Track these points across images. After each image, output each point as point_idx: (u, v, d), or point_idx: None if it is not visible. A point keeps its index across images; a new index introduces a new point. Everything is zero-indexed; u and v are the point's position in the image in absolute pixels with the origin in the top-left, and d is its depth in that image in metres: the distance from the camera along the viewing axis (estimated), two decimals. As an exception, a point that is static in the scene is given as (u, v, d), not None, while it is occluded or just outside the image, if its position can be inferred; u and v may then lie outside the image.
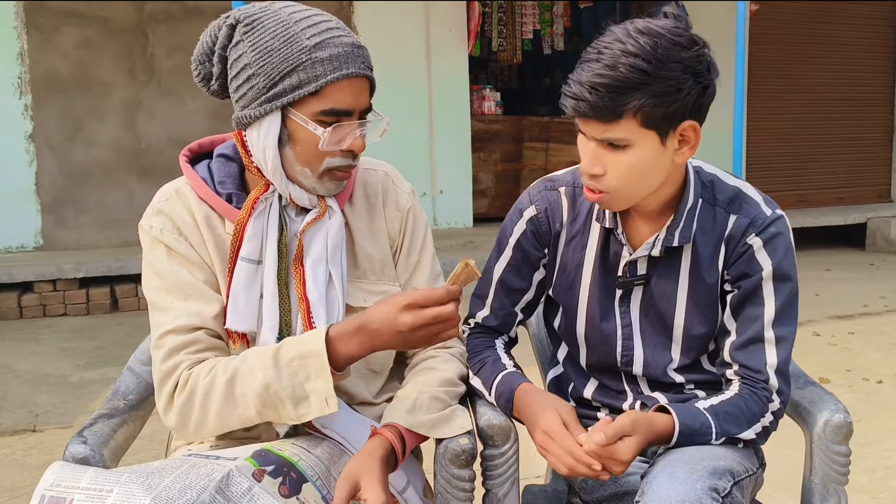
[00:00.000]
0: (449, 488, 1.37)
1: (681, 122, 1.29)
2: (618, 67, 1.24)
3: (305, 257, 1.37)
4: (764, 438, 1.42)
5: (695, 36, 1.29)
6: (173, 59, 6.80)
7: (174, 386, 1.29)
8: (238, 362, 1.28)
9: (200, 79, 1.40)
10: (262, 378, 1.24)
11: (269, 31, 1.28)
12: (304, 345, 1.25)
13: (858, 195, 9.64)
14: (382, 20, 7.23)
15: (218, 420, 1.28)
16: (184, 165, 1.42)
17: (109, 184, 6.73)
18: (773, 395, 1.40)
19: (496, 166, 7.87)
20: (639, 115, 1.26)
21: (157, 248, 1.37)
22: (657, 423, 1.33)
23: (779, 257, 1.39)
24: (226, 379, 1.26)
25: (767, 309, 1.40)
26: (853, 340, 4.73)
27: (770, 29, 8.69)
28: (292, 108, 1.29)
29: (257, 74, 1.28)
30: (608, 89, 1.24)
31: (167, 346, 1.31)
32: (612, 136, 1.29)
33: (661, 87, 1.25)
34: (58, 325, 5.44)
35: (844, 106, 9.46)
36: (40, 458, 3.12)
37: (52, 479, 1.11)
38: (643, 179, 1.34)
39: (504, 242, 1.56)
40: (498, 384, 1.47)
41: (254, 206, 1.34)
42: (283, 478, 1.21)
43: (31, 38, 6.43)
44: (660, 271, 1.46)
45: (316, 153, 1.32)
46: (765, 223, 1.40)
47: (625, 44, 1.25)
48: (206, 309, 1.34)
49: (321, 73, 1.27)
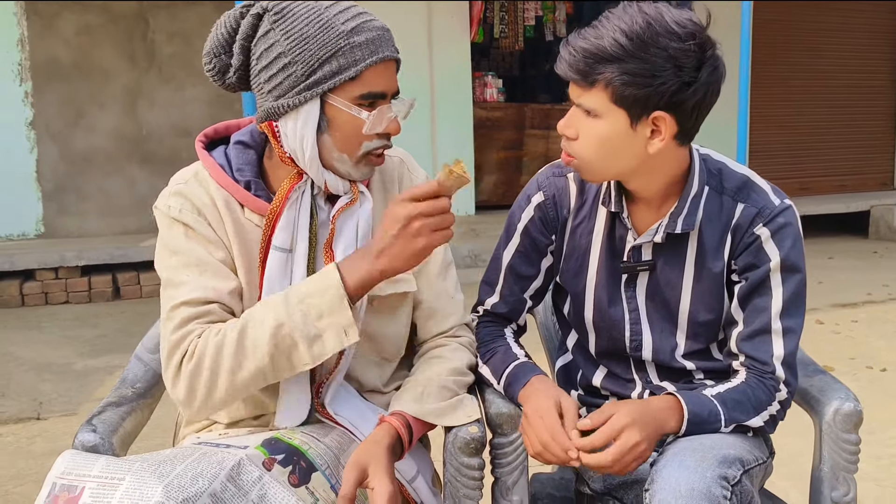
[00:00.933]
0: (458, 477, 1.37)
1: (654, 110, 1.29)
2: (603, 38, 1.27)
3: (336, 242, 1.37)
4: (772, 427, 1.42)
5: (698, 32, 1.28)
6: (174, 46, 6.78)
7: (183, 355, 1.27)
8: (248, 314, 1.27)
9: (216, 72, 1.35)
10: (275, 319, 1.23)
11: (303, 19, 1.26)
12: (317, 281, 1.25)
13: (861, 183, 9.62)
14: (384, 6, 7.17)
15: (229, 380, 1.24)
16: (200, 151, 1.40)
17: (110, 171, 6.73)
18: (779, 384, 1.39)
19: (498, 154, 7.86)
20: (609, 88, 1.27)
21: (175, 227, 1.34)
22: (658, 411, 1.32)
23: (787, 248, 1.38)
24: (237, 332, 1.24)
25: (775, 300, 1.39)
26: (857, 328, 4.73)
27: (774, 16, 8.65)
28: (331, 94, 1.28)
29: (294, 62, 1.26)
30: (585, 54, 1.27)
31: (179, 316, 1.28)
32: (583, 101, 1.31)
33: (635, 67, 1.25)
34: (60, 313, 5.44)
35: (847, 94, 9.43)
36: (44, 445, 3.13)
37: (64, 468, 1.10)
38: (611, 157, 1.34)
39: (512, 229, 1.56)
40: (508, 374, 1.47)
41: (287, 196, 1.33)
42: (293, 466, 1.21)
43: (31, 24, 6.41)
44: (665, 257, 1.45)
45: (355, 137, 1.31)
46: (773, 213, 1.39)
47: (621, 18, 1.27)
48: (221, 285, 1.31)
49: (360, 57, 1.27)
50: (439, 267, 1.51)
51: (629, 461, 1.27)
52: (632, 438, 1.27)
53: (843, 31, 9.29)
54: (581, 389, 1.62)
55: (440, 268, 1.51)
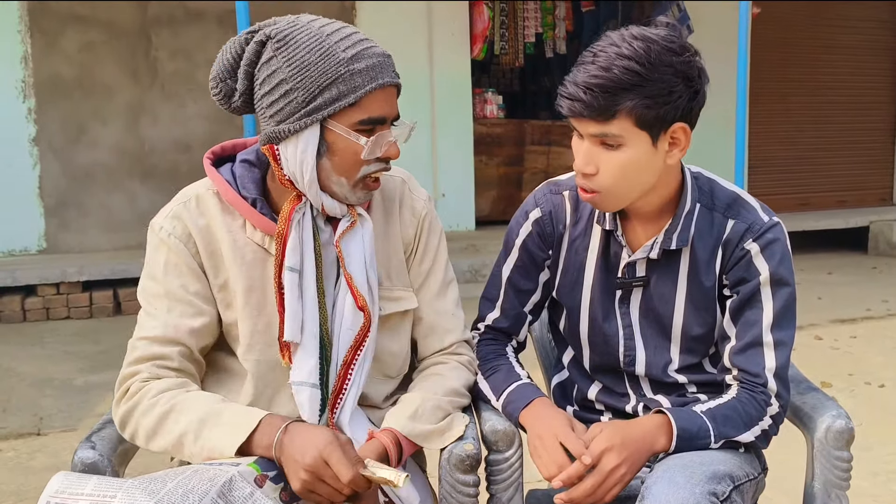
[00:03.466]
0: (453, 493, 1.38)
1: (672, 124, 1.33)
2: (612, 69, 1.28)
3: (349, 264, 1.39)
4: (765, 442, 1.43)
5: (686, 43, 1.34)
6: (176, 63, 6.82)
7: (125, 392, 1.35)
8: (180, 401, 1.31)
9: (222, 96, 1.38)
10: (184, 428, 1.28)
11: (304, 46, 1.29)
12: (237, 415, 1.28)
13: (860, 198, 9.63)
14: (385, 23, 7.24)
15: (146, 439, 1.32)
16: (208, 168, 1.43)
17: (112, 187, 6.75)
18: (771, 398, 1.41)
19: (498, 169, 7.88)
20: (632, 115, 1.30)
21: (159, 252, 1.39)
22: (645, 433, 1.35)
23: (776, 262, 1.41)
24: (161, 411, 1.30)
25: (766, 313, 1.41)
26: (855, 344, 4.73)
27: (772, 32, 8.69)
28: (331, 120, 1.31)
29: (295, 89, 1.29)
30: (602, 90, 1.29)
31: (138, 352, 1.37)
32: (607, 131, 1.32)
33: (653, 90, 1.29)
34: (61, 329, 5.45)
35: (846, 109, 9.45)
36: (45, 461, 3.13)
37: (57, 487, 1.12)
38: (634, 179, 1.37)
39: (511, 244, 1.59)
40: (510, 392, 1.49)
41: (290, 217, 1.35)
42: (285, 483, 1.22)
43: (34, 41, 6.45)
44: (658, 273, 1.48)
45: (354, 162, 1.34)
46: (762, 229, 1.42)
47: (619, 47, 1.30)
48: (186, 323, 1.37)
49: (359, 83, 1.29)
50: (440, 284, 1.53)
51: (609, 486, 1.29)
52: (609, 463, 1.29)
53: (842, 47, 9.33)
54: (577, 405, 1.64)
55: (440, 285, 1.53)
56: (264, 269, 1.39)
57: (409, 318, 1.51)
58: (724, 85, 8.43)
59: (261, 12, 6.15)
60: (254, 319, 1.38)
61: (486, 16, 7.66)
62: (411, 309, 1.50)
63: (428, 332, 1.53)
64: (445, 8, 7.50)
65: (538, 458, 1.38)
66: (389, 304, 1.45)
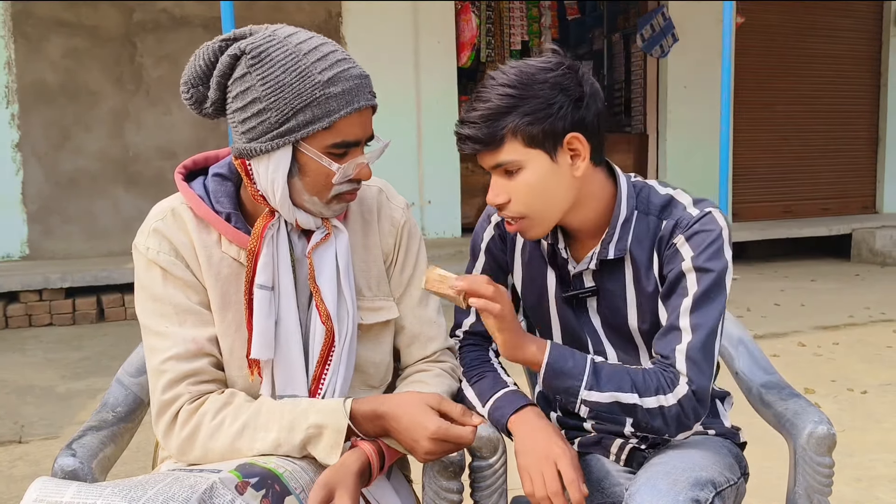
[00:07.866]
0: (437, 500, 1.38)
1: (564, 136, 1.35)
2: (490, 99, 1.34)
3: (319, 277, 1.38)
4: (663, 422, 1.37)
5: (564, 59, 1.37)
6: (161, 69, 6.81)
7: (174, 416, 1.31)
8: (250, 416, 1.29)
9: (193, 101, 1.35)
10: (276, 438, 1.27)
11: (280, 65, 1.25)
12: (327, 416, 1.28)
13: (843, 206, 9.73)
14: (371, 31, 7.26)
15: (220, 457, 1.30)
16: (180, 184, 1.40)
17: (96, 193, 6.72)
18: (678, 378, 1.36)
19: (484, 177, 7.85)
20: (518, 135, 1.34)
21: (153, 270, 1.36)
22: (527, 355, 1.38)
23: (699, 249, 1.39)
24: (234, 430, 1.28)
25: (686, 299, 1.39)
26: (838, 351, 4.76)
27: (756, 41, 8.78)
28: (304, 143, 1.29)
29: (268, 109, 1.26)
30: (484, 119, 1.34)
31: (169, 375, 1.31)
32: (502, 159, 1.36)
33: (531, 106, 1.32)
34: (43, 336, 5.41)
35: (830, 118, 9.56)
36: (26, 469, 3.10)
37: (36, 494, 1.11)
38: (548, 198, 1.38)
39: (477, 249, 1.61)
40: (497, 399, 1.49)
41: (263, 234, 1.34)
42: (267, 490, 1.21)
43: (18, 46, 6.42)
44: (606, 282, 1.49)
45: (325, 184, 1.32)
46: (690, 222, 1.41)
47: (496, 79, 1.36)
48: (202, 333, 1.34)
49: (334, 108, 1.27)
50: (422, 292, 1.52)
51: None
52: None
53: (826, 56, 9.43)
54: (559, 411, 1.64)
55: (423, 293, 1.53)
56: (240, 283, 1.36)
57: (391, 327, 1.50)
58: (708, 93, 8.53)
59: (246, 17, 6.12)
60: (232, 337, 1.37)
61: (473, 24, 7.70)
62: (393, 319, 1.49)
63: (411, 341, 1.52)
64: (432, 15, 7.53)
65: (528, 480, 1.36)
66: (370, 315, 1.44)
